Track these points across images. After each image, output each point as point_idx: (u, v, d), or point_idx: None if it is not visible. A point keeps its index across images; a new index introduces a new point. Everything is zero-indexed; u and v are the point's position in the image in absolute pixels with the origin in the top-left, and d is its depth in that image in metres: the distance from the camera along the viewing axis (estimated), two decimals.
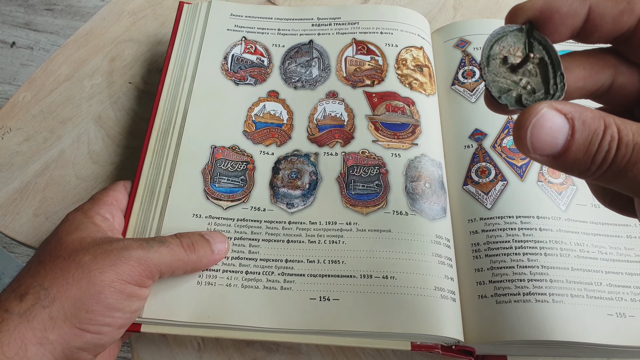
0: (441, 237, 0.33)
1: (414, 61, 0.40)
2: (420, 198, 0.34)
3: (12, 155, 0.40)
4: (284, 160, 0.35)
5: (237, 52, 0.40)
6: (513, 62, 0.20)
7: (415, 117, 0.37)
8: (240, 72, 0.39)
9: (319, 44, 0.41)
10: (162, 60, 0.44)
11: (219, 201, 0.33)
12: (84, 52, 0.45)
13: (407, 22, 0.42)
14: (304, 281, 0.31)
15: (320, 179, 0.34)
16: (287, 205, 0.33)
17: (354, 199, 0.34)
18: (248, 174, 0.35)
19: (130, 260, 0.27)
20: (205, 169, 0.34)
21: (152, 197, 0.33)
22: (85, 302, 0.25)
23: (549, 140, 0.17)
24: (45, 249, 0.28)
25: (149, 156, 0.35)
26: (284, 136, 0.36)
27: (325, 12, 0.43)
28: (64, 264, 0.26)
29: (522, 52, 0.20)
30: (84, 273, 0.26)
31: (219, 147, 0.35)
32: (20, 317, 0.24)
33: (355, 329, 0.29)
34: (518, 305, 0.31)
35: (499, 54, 0.20)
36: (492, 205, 0.34)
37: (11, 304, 0.25)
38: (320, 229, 0.32)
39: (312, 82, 0.39)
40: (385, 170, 0.35)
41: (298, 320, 0.29)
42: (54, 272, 0.26)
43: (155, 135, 0.35)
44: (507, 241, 0.33)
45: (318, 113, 0.37)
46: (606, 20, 0.19)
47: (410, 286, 0.30)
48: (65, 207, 0.38)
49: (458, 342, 0.30)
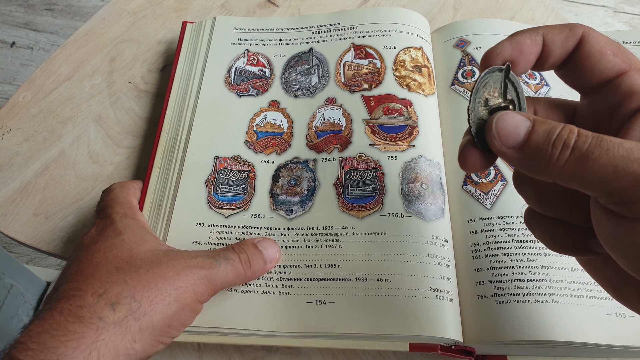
0: (438, 238, 0.33)
1: (412, 62, 0.40)
2: (416, 199, 0.34)
3: (12, 155, 0.40)
4: (284, 168, 0.36)
5: (240, 64, 0.42)
6: (491, 104, 0.22)
7: (413, 118, 0.37)
8: (243, 84, 0.41)
9: (318, 51, 0.42)
10: (162, 59, 0.45)
11: (221, 210, 0.35)
12: (84, 52, 0.45)
13: (406, 23, 0.42)
14: (301, 285, 0.32)
15: (318, 184, 0.35)
16: (286, 212, 0.34)
17: (350, 203, 0.34)
18: (249, 182, 0.36)
19: (205, 281, 0.28)
20: (209, 180, 0.36)
21: (160, 210, 0.35)
22: (168, 317, 0.26)
23: (512, 131, 0.19)
24: (118, 257, 0.28)
25: (155, 172, 0.37)
26: (284, 144, 0.38)
27: (324, 19, 0.44)
28: (150, 277, 0.27)
29: (498, 92, 0.22)
30: (170, 290, 0.27)
31: (221, 158, 0.37)
32: (115, 328, 0.25)
33: (351, 331, 0.30)
34: (518, 305, 0.30)
35: (482, 96, 0.22)
36: (491, 205, 0.34)
37: (104, 311, 0.25)
38: (318, 233, 0.33)
39: (311, 90, 0.40)
40: (381, 173, 0.35)
41: (296, 324, 0.30)
42: (142, 284, 0.26)
43: (162, 153, 0.37)
44: (507, 241, 0.32)
45: (317, 120, 0.38)
46: (556, 45, 0.22)
47: (405, 288, 0.31)
48: (65, 207, 0.38)
49: (457, 342, 0.30)
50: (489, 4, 0.49)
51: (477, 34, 0.42)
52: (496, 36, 0.42)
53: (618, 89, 0.21)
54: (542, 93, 0.39)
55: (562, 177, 0.18)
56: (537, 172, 0.19)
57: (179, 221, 0.34)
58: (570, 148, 0.18)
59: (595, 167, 0.17)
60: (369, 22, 0.42)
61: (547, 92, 0.39)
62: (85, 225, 0.37)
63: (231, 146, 0.37)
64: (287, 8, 0.49)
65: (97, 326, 0.24)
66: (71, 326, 0.24)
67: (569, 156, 0.18)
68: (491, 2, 0.49)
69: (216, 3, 0.49)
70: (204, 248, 0.33)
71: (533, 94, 0.39)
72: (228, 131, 0.38)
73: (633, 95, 0.20)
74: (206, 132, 0.38)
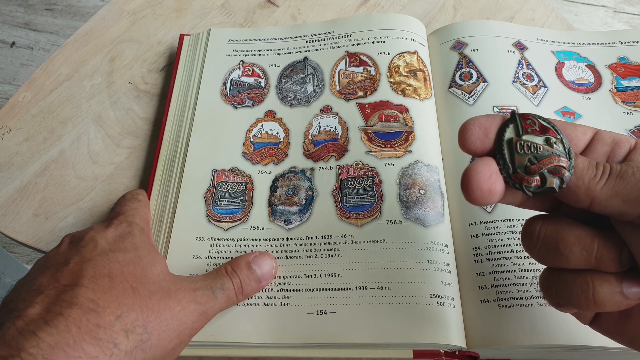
0: (437, 243, 0.32)
1: (407, 67, 0.40)
2: (414, 205, 0.33)
3: (12, 155, 0.40)
4: (281, 178, 0.36)
5: (235, 76, 0.42)
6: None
7: (409, 123, 0.37)
8: (238, 96, 0.41)
9: (313, 60, 0.42)
10: (162, 59, 0.45)
11: (220, 223, 0.35)
12: (84, 52, 0.45)
13: (400, 28, 0.42)
14: (302, 296, 0.32)
15: (316, 193, 0.35)
16: (284, 222, 0.34)
17: (348, 212, 0.34)
18: (247, 194, 0.36)
19: (203, 317, 0.28)
20: (207, 193, 0.36)
21: (161, 225, 0.35)
22: (167, 352, 0.26)
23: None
24: (133, 275, 0.27)
25: (156, 187, 0.37)
26: (281, 154, 0.38)
27: (318, 28, 0.44)
28: (161, 309, 0.26)
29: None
30: (175, 325, 0.26)
31: (219, 171, 0.37)
32: (125, 357, 0.24)
33: (353, 340, 0.30)
34: (521, 309, 0.30)
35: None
36: (492, 209, 0.34)
37: (119, 337, 0.24)
38: (317, 243, 0.33)
39: (307, 99, 0.40)
40: (378, 180, 0.35)
41: (297, 335, 0.30)
42: (154, 315, 0.26)
43: (162, 167, 0.38)
44: (508, 244, 0.32)
45: (313, 129, 0.38)
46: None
47: (406, 295, 0.30)
48: (65, 207, 0.38)
49: (461, 348, 0.30)
50: (489, 4, 0.48)
51: (474, 36, 0.41)
52: (493, 38, 0.41)
53: (604, 142, 0.23)
54: (540, 94, 0.39)
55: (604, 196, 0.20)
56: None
57: (179, 236, 0.34)
58: (609, 170, 0.20)
59: (633, 181, 0.20)
60: (362, 30, 0.42)
61: (545, 94, 0.39)
62: (84, 225, 0.37)
63: (229, 158, 0.38)
64: (287, 8, 0.49)
65: (112, 352, 0.24)
66: (87, 347, 0.23)
67: (609, 176, 0.20)
68: (491, 2, 0.48)
69: (216, 3, 0.49)
70: (204, 262, 0.33)
71: (532, 95, 0.39)
72: (225, 143, 0.38)
73: (616, 145, 0.22)
74: (204, 146, 0.38)
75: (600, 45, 0.42)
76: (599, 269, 0.21)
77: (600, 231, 0.21)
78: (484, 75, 0.39)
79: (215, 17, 0.48)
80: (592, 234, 0.21)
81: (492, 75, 0.39)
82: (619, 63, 0.41)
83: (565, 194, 0.21)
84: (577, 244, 0.21)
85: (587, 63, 0.41)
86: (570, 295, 0.21)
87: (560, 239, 0.21)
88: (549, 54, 0.42)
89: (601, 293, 0.20)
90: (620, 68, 0.41)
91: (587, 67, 0.41)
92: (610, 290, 0.20)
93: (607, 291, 0.20)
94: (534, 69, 0.40)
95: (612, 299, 0.20)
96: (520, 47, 0.41)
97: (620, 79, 0.40)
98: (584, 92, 0.40)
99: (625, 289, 0.20)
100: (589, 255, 0.21)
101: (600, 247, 0.20)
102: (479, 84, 0.39)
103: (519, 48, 0.41)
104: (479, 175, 0.21)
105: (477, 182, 0.21)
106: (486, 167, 0.21)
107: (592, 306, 0.21)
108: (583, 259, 0.21)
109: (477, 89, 0.39)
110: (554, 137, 0.22)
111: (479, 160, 0.22)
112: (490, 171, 0.21)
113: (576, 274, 0.21)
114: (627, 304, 0.21)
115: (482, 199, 0.21)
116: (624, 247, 0.20)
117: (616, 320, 0.23)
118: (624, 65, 0.41)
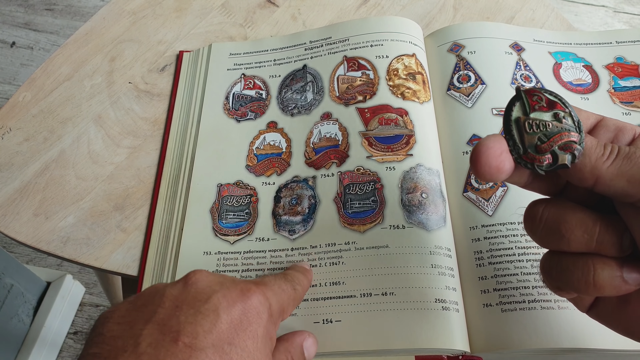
0: (441, 248, 0.33)
1: (405, 70, 0.40)
2: (417, 210, 0.34)
3: (12, 155, 0.40)
4: (284, 188, 0.37)
5: (237, 90, 0.42)
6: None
7: (409, 127, 0.37)
8: (241, 109, 0.41)
9: (312, 67, 0.42)
10: (162, 59, 0.46)
11: (226, 236, 0.35)
12: (84, 52, 0.46)
13: (397, 31, 0.42)
14: (308, 306, 0.32)
15: (318, 201, 0.36)
16: (289, 232, 0.35)
17: (351, 218, 0.34)
18: (252, 206, 0.36)
19: None
20: (213, 208, 0.36)
21: (167, 242, 0.36)
22: None
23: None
24: None
25: (161, 204, 0.37)
26: (283, 164, 0.38)
27: (316, 34, 0.44)
28: None
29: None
30: None
31: (224, 185, 0.37)
32: None
33: (358, 348, 0.30)
34: (524, 313, 0.30)
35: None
36: (493, 212, 0.34)
37: None
38: (321, 251, 0.34)
39: (307, 107, 0.40)
40: (380, 185, 0.35)
41: None
42: None
43: (166, 183, 0.38)
44: (510, 248, 0.32)
45: (314, 136, 0.39)
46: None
47: (410, 300, 0.31)
48: (65, 207, 0.38)
49: (464, 352, 0.30)
50: (489, 4, 0.48)
51: (471, 38, 0.41)
52: (490, 39, 0.42)
53: (608, 129, 0.23)
54: None
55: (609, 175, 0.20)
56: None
57: (187, 252, 0.35)
58: (616, 150, 0.20)
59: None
60: (360, 33, 0.43)
61: None
62: (84, 224, 0.37)
63: (233, 172, 0.38)
64: (287, 8, 0.49)
65: None
66: None
67: (617, 156, 0.20)
68: (491, 2, 0.48)
69: (216, 3, 0.49)
70: None
71: None
72: (229, 157, 0.39)
73: (620, 132, 0.22)
74: (208, 161, 0.38)
75: (597, 45, 0.43)
76: (600, 252, 0.21)
77: (603, 215, 0.21)
78: (482, 78, 0.39)
79: (215, 17, 0.48)
80: (595, 217, 0.21)
81: (490, 77, 0.39)
82: (616, 63, 0.41)
83: (571, 171, 0.21)
84: (579, 226, 0.21)
85: (585, 63, 0.41)
86: (571, 278, 0.21)
87: (562, 221, 0.21)
88: (546, 54, 0.42)
89: (602, 276, 0.20)
90: (617, 68, 0.41)
91: (584, 67, 0.41)
92: (611, 274, 0.20)
93: (608, 275, 0.20)
94: (531, 70, 0.40)
95: (612, 283, 0.20)
96: (517, 49, 0.41)
97: (618, 79, 0.40)
98: (581, 93, 0.40)
99: (625, 274, 0.21)
100: (590, 239, 0.21)
101: (602, 230, 0.21)
102: (477, 86, 0.39)
103: (516, 49, 0.41)
104: (489, 152, 0.21)
105: (487, 158, 0.21)
106: (497, 144, 0.21)
107: (591, 289, 0.21)
108: (584, 242, 0.21)
109: (475, 91, 0.39)
110: (562, 111, 0.22)
111: (490, 137, 0.21)
112: (501, 149, 0.21)
113: (577, 257, 0.21)
114: (626, 289, 0.21)
115: (489, 175, 0.21)
116: (625, 232, 0.21)
117: (614, 307, 0.23)
118: (621, 65, 0.41)
